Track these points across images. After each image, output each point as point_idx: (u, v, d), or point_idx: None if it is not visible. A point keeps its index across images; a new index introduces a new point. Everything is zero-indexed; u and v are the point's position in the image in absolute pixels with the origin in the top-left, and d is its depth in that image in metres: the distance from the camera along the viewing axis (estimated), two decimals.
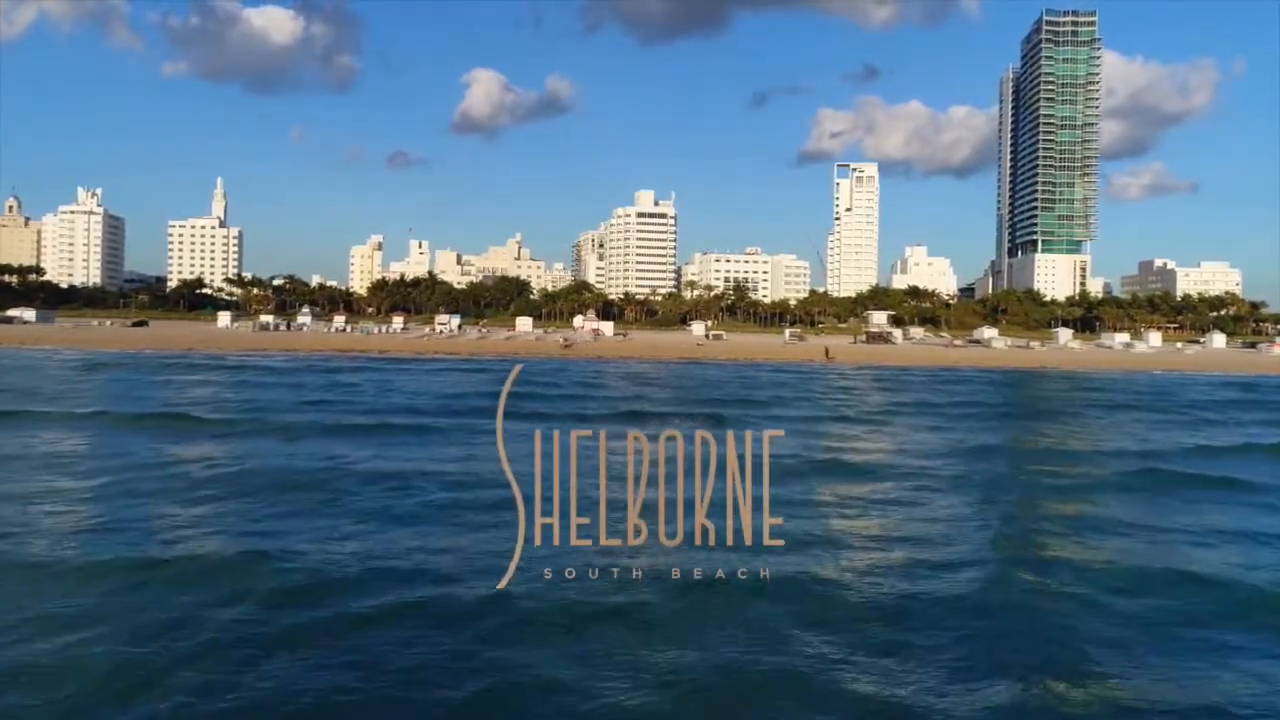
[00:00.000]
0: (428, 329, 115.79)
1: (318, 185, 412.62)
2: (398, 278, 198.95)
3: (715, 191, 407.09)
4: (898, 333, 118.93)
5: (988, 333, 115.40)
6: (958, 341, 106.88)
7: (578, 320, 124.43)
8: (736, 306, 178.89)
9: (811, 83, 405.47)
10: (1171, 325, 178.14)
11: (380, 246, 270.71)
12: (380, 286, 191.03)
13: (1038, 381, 68.99)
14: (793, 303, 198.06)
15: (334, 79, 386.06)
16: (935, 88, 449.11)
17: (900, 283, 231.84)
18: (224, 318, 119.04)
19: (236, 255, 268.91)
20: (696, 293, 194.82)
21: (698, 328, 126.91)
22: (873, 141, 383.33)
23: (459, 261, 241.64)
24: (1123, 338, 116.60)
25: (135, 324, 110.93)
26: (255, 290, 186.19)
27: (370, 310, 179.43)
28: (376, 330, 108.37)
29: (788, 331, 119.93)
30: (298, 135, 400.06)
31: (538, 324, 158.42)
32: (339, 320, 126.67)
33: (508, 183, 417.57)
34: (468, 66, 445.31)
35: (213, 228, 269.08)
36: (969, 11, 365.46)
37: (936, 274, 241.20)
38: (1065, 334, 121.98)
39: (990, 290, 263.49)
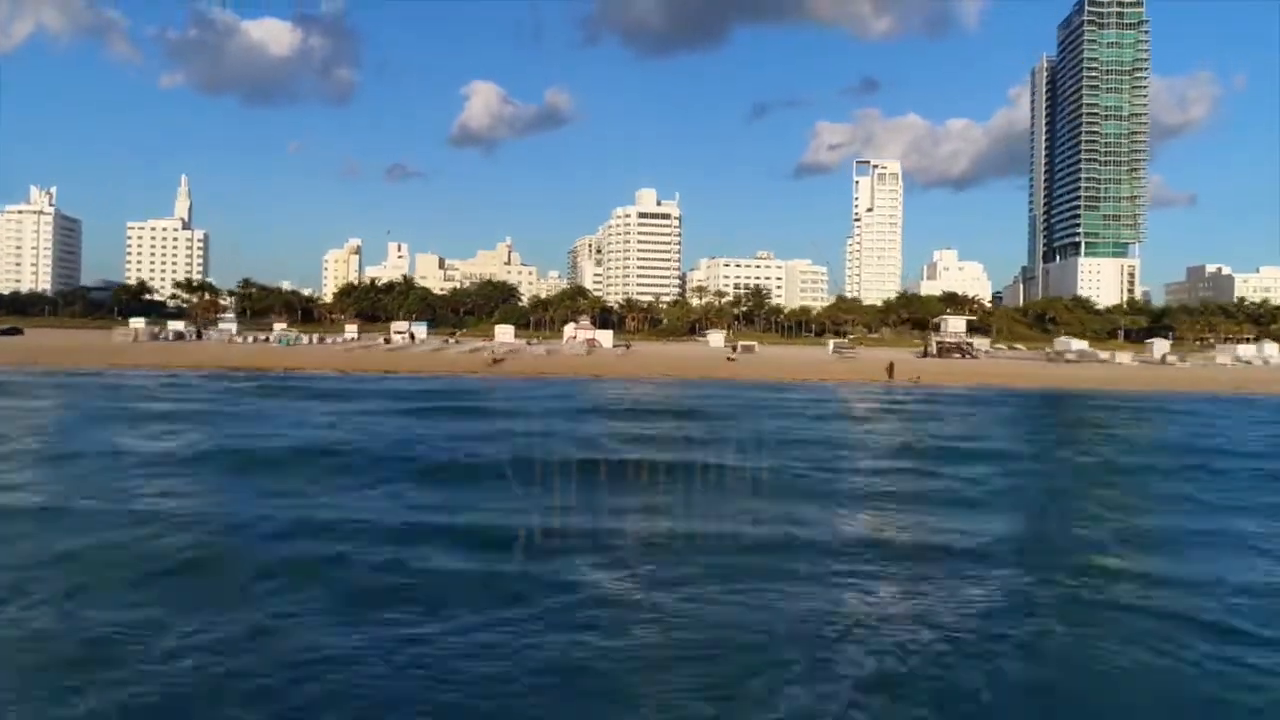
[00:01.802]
0: (381, 339, 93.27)
1: (309, 194, 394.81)
2: (368, 283, 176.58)
3: (716, 201, 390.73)
4: (982, 343, 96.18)
5: (1075, 344, 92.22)
6: (1070, 355, 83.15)
7: (569, 329, 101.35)
8: (754, 315, 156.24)
9: (811, 95, 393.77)
10: (1247, 337, 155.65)
11: (358, 251, 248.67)
12: (347, 292, 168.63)
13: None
14: (815, 310, 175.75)
15: (333, 91, 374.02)
16: (933, 101, 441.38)
17: (928, 289, 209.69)
18: (130, 326, 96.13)
19: (201, 260, 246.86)
20: (706, 299, 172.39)
21: (715, 338, 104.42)
22: (870, 154, 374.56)
23: (441, 266, 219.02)
24: (1248, 350, 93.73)
25: (4, 332, 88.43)
26: (206, 296, 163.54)
27: (336, 317, 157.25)
28: (306, 340, 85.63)
29: (832, 343, 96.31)
30: (296, 148, 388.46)
31: (524, 334, 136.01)
32: (279, 328, 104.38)
33: (505, 194, 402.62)
34: (466, 79, 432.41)
35: (175, 230, 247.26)
36: (968, 25, 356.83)
37: (970, 279, 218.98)
38: (1161, 345, 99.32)
39: (1022, 298, 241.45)
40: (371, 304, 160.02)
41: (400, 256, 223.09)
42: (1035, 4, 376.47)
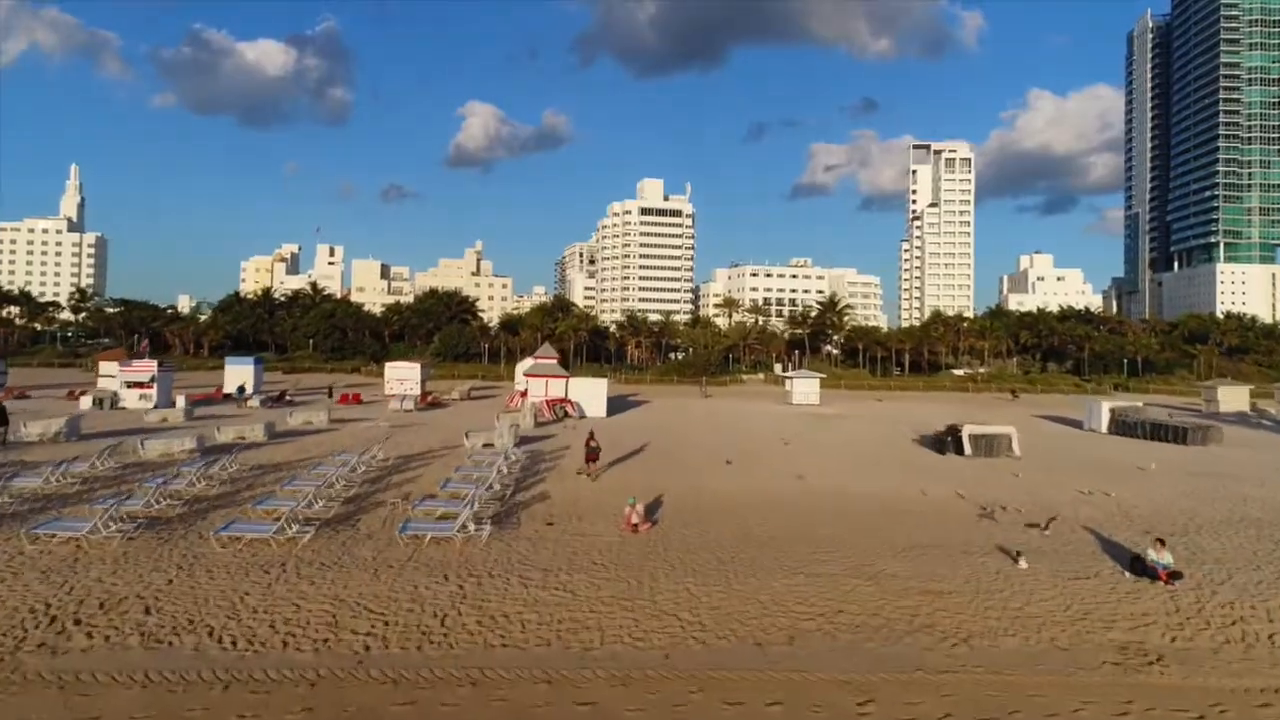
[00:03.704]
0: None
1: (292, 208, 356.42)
2: (258, 294, 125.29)
3: (719, 213, 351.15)
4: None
5: None
6: None
7: (520, 374, 49.65)
8: (822, 338, 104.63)
9: (809, 115, 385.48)
10: None
11: (290, 259, 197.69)
12: (227, 307, 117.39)
13: None
14: (881, 331, 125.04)
15: (328, 112, 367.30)
16: (929, 122, 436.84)
17: (1016, 304, 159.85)
18: None
19: (92, 267, 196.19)
20: (740, 317, 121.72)
21: (805, 385, 54.16)
22: (867, 174, 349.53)
23: (385, 275, 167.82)
24: None
25: None
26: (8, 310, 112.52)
27: (209, 346, 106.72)
28: None
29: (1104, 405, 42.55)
30: (293, 168, 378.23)
31: (477, 371, 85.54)
32: None
33: (497, 211, 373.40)
34: (462, 100, 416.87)
35: (58, 232, 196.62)
36: (966, 46, 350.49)
37: (1071, 291, 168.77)
38: None
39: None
40: (253, 325, 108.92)
41: (332, 263, 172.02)
42: (1033, 33, 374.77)
